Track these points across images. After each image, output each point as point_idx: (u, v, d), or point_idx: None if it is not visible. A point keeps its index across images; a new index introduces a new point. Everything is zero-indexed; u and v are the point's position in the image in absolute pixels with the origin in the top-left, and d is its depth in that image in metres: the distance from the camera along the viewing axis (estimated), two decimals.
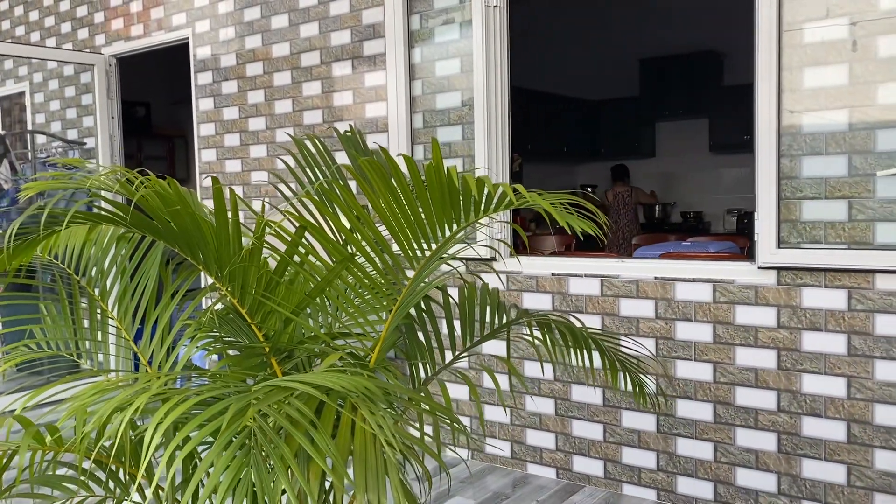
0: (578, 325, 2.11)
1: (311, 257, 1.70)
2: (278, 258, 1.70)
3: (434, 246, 1.58)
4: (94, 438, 1.56)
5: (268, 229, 1.64)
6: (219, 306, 1.82)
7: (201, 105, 4.84)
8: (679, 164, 8.02)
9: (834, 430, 2.88)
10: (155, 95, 7.68)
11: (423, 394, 1.81)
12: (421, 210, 1.52)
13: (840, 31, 2.79)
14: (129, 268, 1.93)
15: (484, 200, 1.38)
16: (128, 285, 1.93)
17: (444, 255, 1.61)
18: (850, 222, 2.81)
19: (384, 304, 1.70)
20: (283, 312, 1.73)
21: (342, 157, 3.74)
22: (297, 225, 1.66)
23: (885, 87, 2.71)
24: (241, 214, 2.09)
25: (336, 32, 4.14)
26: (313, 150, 2.19)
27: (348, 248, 1.79)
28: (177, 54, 5.12)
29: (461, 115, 3.77)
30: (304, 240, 1.67)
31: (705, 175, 7.86)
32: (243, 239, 1.67)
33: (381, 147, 1.50)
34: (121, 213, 1.53)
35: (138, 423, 1.74)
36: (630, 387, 2.19)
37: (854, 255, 2.79)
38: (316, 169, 2.17)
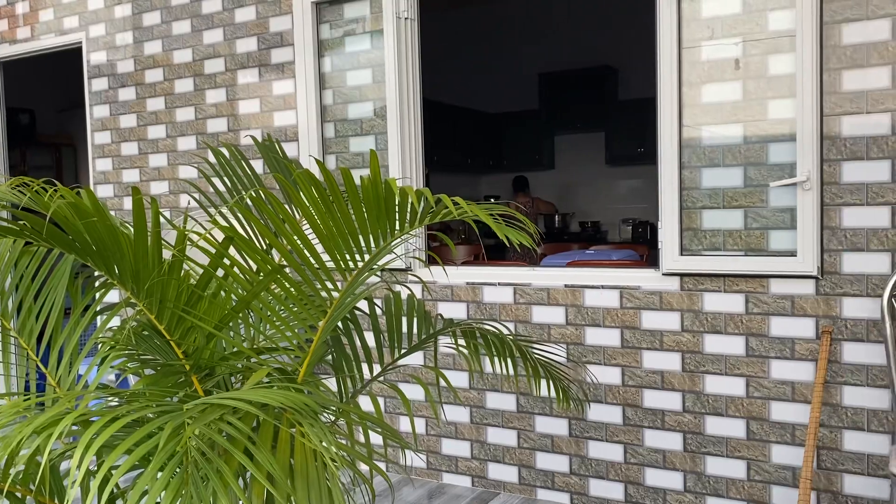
0: (505, 332, 2.14)
1: (236, 269, 1.65)
2: (200, 271, 1.64)
3: (367, 257, 1.56)
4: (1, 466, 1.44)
5: (191, 240, 1.57)
6: (136, 323, 1.73)
7: (96, 112, 4.61)
8: (577, 176, 8.28)
9: (734, 428, 3.04)
10: (40, 102, 7.25)
11: (352, 405, 1.78)
12: (355, 220, 1.51)
13: (734, 50, 2.97)
14: (34, 286, 1.81)
15: (421, 211, 1.38)
16: (32, 304, 1.81)
17: (375, 266, 1.60)
18: (746, 230, 2.99)
19: (314, 316, 1.67)
20: (205, 327, 1.67)
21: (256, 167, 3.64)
22: (211, 237, 1.61)
23: (776, 103, 2.89)
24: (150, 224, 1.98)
25: (242, 40, 4.04)
26: (230, 159, 2.13)
27: (276, 258, 1.74)
28: (64, 59, 4.85)
29: (373, 125, 3.76)
30: (228, 251, 1.61)
31: (602, 186, 8.15)
32: (163, 251, 1.60)
33: (315, 159, 1.48)
34: (31, 227, 1.43)
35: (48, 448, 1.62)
36: (550, 392, 2.24)
37: (750, 261, 2.96)
38: (234, 178, 2.10)
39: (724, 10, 2.96)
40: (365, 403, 3.47)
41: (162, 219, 1.60)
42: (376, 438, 3.67)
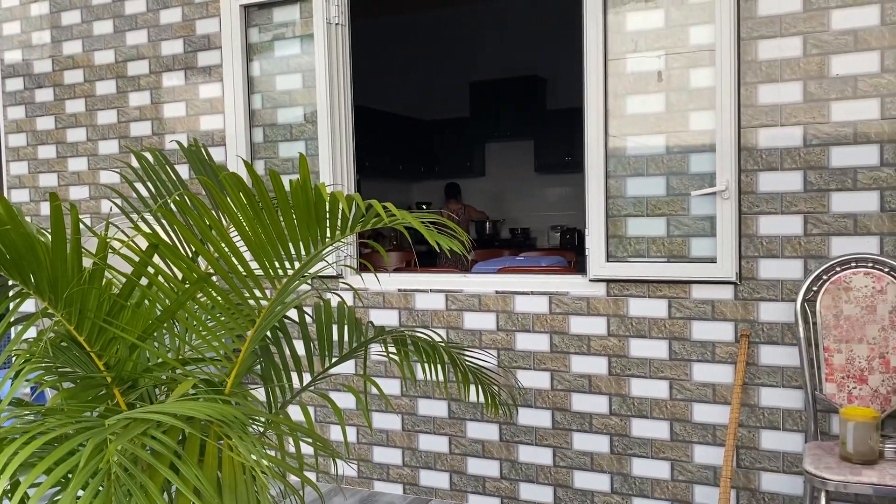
0: (437, 339, 2.15)
1: (160, 278, 1.60)
2: (123, 280, 1.59)
3: (297, 264, 1.54)
4: None
5: (113, 248, 1.52)
6: (54, 334, 1.67)
7: (10, 113, 4.41)
8: (507, 183, 8.39)
9: (659, 430, 3.12)
10: None
11: (281, 416, 1.75)
12: (284, 226, 1.49)
13: (657, 63, 3.06)
14: None
15: (352, 218, 1.38)
16: None
17: (306, 274, 1.58)
18: (668, 238, 3.08)
19: (242, 325, 1.64)
20: (127, 338, 1.62)
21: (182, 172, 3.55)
22: (134, 244, 1.56)
23: (697, 115, 3.00)
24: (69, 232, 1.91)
25: (167, 42, 3.94)
26: (154, 164, 2.07)
27: (202, 266, 1.70)
28: None
29: (304, 130, 3.72)
30: (152, 259, 1.57)
31: (531, 193, 8.28)
32: (84, 260, 1.54)
33: (245, 162, 1.45)
34: None
35: None
36: (480, 398, 2.26)
37: (673, 267, 3.05)
38: (158, 183, 2.05)
39: (647, 24, 3.06)
40: (296, 413, 3.42)
41: (82, 226, 1.54)
42: (307, 448, 3.62)
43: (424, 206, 8.15)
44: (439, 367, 2.05)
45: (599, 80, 3.10)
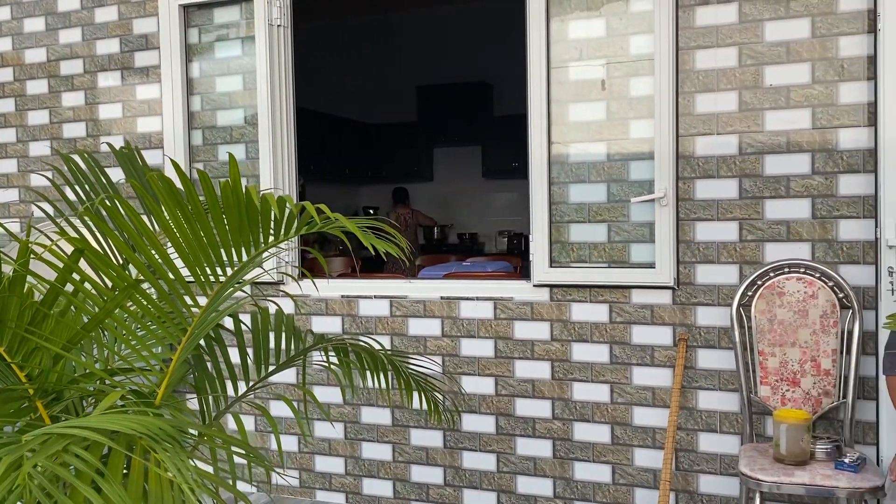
0: (376, 347, 2.12)
1: (87, 285, 1.54)
2: (47, 287, 1.53)
3: (230, 270, 1.50)
4: None
5: (35, 253, 1.46)
6: None
7: None
8: (455, 188, 8.40)
9: (600, 433, 3.15)
10: None
11: (214, 428, 1.71)
12: (216, 232, 1.45)
13: (598, 71, 3.10)
14: None
15: (285, 222, 1.34)
16: None
17: (241, 281, 1.54)
18: (609, 243, 3.12)
19: (173, 334, 1.59)
20: (51, 348, 1.55)
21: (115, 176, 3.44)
22: (59, 249, 1.50)
23: (636, 123, 3.05)
24: None
25: (103, 41, 3.82)
26: (84, 166, 2.00)
27: (132, 273, 1.65)
28: None
29: (244, 132, 3.65)
30: (78, 265, 1.51)
31: (479, 199, 8.31)
32: (4, 266, 1.47)
33: (173, 161, 1.41)
34: None
35: None
36: (424, 405, 2.24)
37: (613, 272, 3.09)
38: (87, 187, 1.98)
39: (589, 32, 3.09)
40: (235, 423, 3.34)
41: (1, 230, 1.47)
42: (244, 459, 3.55)
43: (371, 211, 8.11)
44: (382, 375, 2.03)
45: (542, 87, 3.12)
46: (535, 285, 3.20)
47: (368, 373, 2.03)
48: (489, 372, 3.30)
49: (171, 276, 1.55)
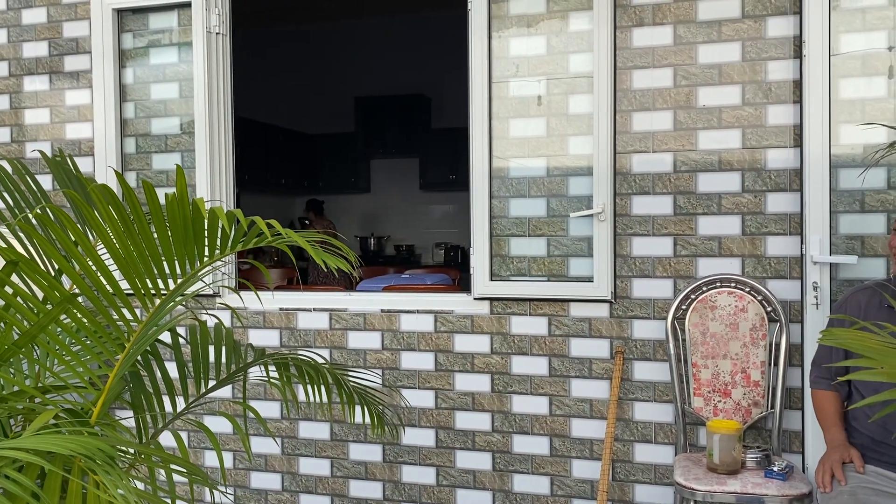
0: (320, 360, 2.09)
1: (18, 298, 1.47)
2: None
3: (172, 284, 1.46)
4: None
5: None
6: None
7: None
8: (392, 200, 8.39)
9: (539, 445, 3.19)
10: None
11: (152, 446, 1.65)
12: (159, 244, 1.41)
13: (538, 88, 3.15)
14: None
15: (233, 235, 1.32)
16: None
17: (184, 294, 1.50)
18: (549, 257, 3.17)
19: (110, 350, 1.53)
20: None
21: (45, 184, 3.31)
22: None
23: (575, 139, 3.11)
24: None
25: (30, 43, 3.68)
26: (13, 174, 1.91)
27: (67, 285, 1.58)
28: None
29: (180, 141, 3.57)
30: (9, 277, 1.44)
31: (416, 211, 8.32)
32: None
33: (116, 172, 1.36)
34: None
35: None
36: (365, 419, 2.22)
37: (553, 286, 3.14)
38: (17, 195, 1.89)
39: (530, 49, 3.14)
40: (172, 440, 3.24)
41: None
42: (184, 477, 3.44)
43: (308, 222, 8.01)
44: (324, 389, 2.01)
45: (484, 102, 3.15)
46: (475, 298, 3.22)
47: (311, 387, 2.00)
48: (429, 385, 3.29)
49: (110, 289, 1.49)
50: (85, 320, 1.52)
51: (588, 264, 3.10)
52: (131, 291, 1.52)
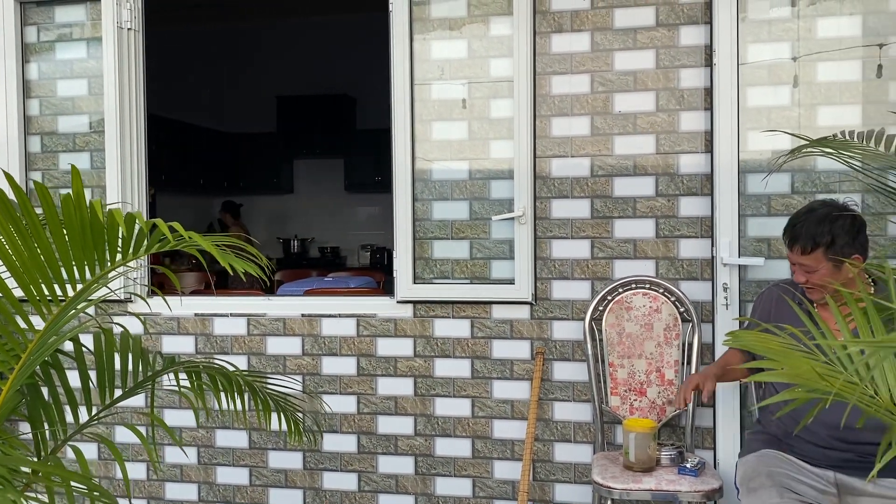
0: (230, 368, 2.04)
1: None
2: None
3: (71, 290, 1.39)
4: None
5: None
6: None
7: None
8: (317, 201, 8.29)
9: (461, 448, 3.19)
10: None
11: (51, 463, 1.57)
12: (55, 248, 1.34)
13: (460, 91, 3.16)
14: None
15: (134, 240, 1.26)
16: None
17: (87, 301, 1.43)
18: (471, 260, 3.18)
19: (3, 362, 1.44)
20: None
21: None
22: None
23: (497, 143, 3.13)
24: None
25: None
26: None
27: None
28: None
29: (89, 140, 3.42)
30: None
31: (341, 212, 8.24)
32: None
33: (4, 172, 1.29)
34: None
35: None
36: (283, 426, 2.17)
37: (475, 288, 3.15)
38: None
39: (452, 53, 3.15)
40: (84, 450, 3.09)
41: None
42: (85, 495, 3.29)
43: (225, 224, 7.83)
44: (238, 397, 1.95)
45: (406, 104, 3.14)
46: (398, 301, 3.20)
47: (224, 395, 1.94)
48: (351, 390, 3.25)
49: (1, 296, 1.41)
50: None
51: (509, 267, 3.13)
52: (26, 298, 1.44)
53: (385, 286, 5.15)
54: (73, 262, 1.39)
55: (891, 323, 1.44)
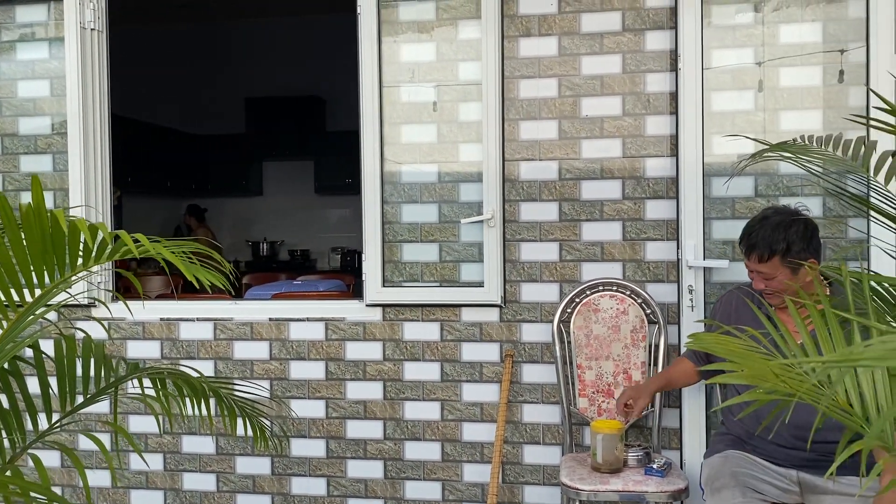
0: (194, 374, 2.01)
1: None
2: None
3: (30, 297, 1.36)
4: None
5: None
6: None
7: None
8: (286, 204, 8.22)
9: (431, 451, 3.19)
10: None
11: (9, 472, 1.53)
12: (13, 255, 1.31)
13: (429, 94, 3.16)
14: None
15: (96, 249, 1.24)
16: None
17: (46, 306, 1.40)
18: (441, 263, 3.18)
19: None
20: None
21: None
22: None
23: (466, 146, 3.14)
24: None
25: None
26: None
27: None
28: None
29: (51, 142, 3.36)
30: None
31: (311, 215, 8.18)
32: None
33: None
34: None
35: None
36: (249, 432, 2.15)
37: (445, 291, 3.15)
38: None
39: (420, 56, 3.15)
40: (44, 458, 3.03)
41: None
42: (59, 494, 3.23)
43: (190, 228, 7.74)
44: (203, 403, 1.93)
45: (375, 106, 3.13)
46: (367, 305, 3.19)
47: (189, 401, 1.92)
48: (320, 394, 3.24)
49: None
50: None
51: (479, 269, 3.13)
52: None
53: (355, 289, 5.12)
54: (33, 269, 1.37)
55: (847, 324, 1.47)
